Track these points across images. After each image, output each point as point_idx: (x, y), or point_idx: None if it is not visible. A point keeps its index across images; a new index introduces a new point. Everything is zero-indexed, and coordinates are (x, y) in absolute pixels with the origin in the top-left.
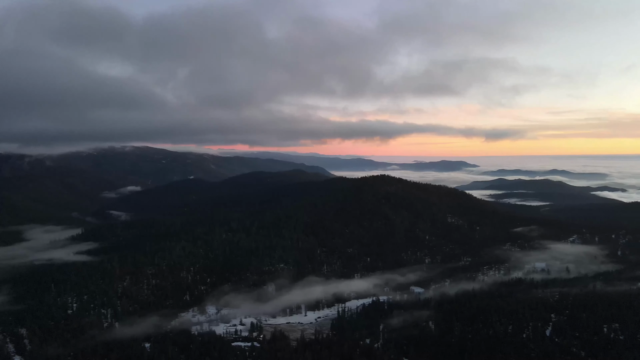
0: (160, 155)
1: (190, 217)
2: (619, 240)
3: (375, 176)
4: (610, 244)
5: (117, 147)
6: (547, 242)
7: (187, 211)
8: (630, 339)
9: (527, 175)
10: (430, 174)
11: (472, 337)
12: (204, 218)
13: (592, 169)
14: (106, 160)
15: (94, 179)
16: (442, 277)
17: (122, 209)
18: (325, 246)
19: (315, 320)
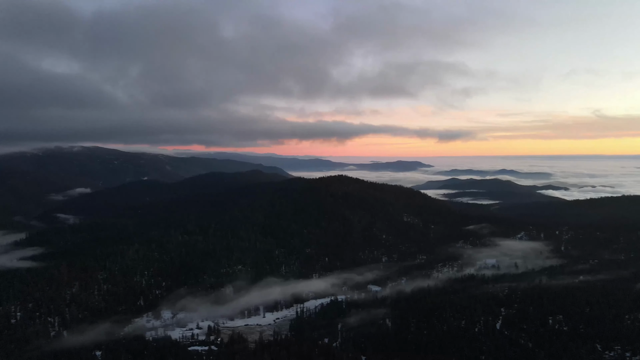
0: (112, 156)
1: (145, 220)
2: (562, 236)
3: (332, 176)
4: (555, 239)
5: (64, 148)
6: (497, 239)
7: (141, 213)
8: (573, 329)
9: (479, 175)
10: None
11: (427, 333)
12: (159, 220)
13: (538, 169)
14: (52, 161)
15: (39, 181)
16: (399, 275)
17: (70, 212)
18: (284, 247)
19: (274, 321)
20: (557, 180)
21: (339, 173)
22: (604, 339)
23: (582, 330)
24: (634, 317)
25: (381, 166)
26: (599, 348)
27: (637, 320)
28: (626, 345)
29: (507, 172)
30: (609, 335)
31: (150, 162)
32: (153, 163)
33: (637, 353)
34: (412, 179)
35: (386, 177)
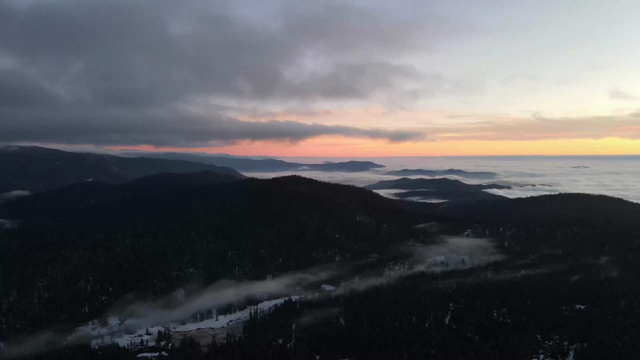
0: (53, 156)
1: (89, 223)
2: (506, 233)
3: (286, 177)
4: (499, 236)
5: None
6: (446, 236)
7: (85, 216)
8: (515, 321)
9: (428, 174)
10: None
11: (380, 330)
12: (104, 223)
13: (483, 169)
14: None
15: None
16: (352, 274)
17: (6, 215)
18: (237, 248)
19: (227, 324)
20: (500, 179)
21: (292, 173)
22: (543, 329)
23: (524, 322)
24: (570, 308)
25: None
26: (539, 338)
27: (573, 310)
28: (564, 335)
29: (454, 172)
30: (548, 326)
31: (95, 163)
32: (98, 164)
33: (574, 341)
34: (364, 179)
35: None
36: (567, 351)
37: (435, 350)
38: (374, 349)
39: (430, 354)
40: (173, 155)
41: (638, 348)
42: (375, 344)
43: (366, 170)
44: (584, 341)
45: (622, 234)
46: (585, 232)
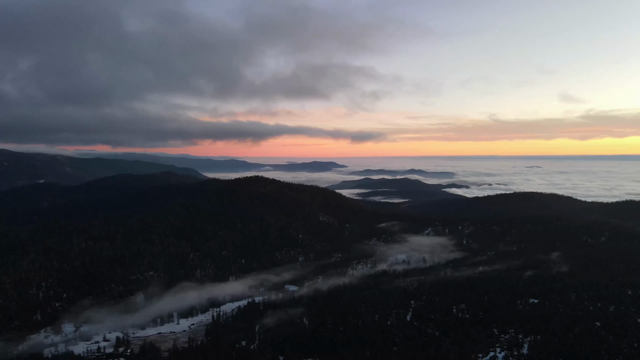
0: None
1: (41, 226)
2: (464, 231)
3: (248, 177)
4: (458, 234)
5: None
6: (407, 235)
7: (36, 220)
8: (474, 316)
9: (390, 174)
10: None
11: (343, 329)
12: (58, 227)
13: (443, 169)
14: None
15: None
16: (315, 274)
17: None
18: (199, 250)
19: (189, 327)
20: (459, 179)
21: (255, 174)
22: (500, 323)
23: (482, 317)
24: (525, 302)
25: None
26: (496, 332)
27: (527, 304)
28: (519, 328)
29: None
30: (504, 320)
31: (48, 164)
32: (50, 164)
33: (528, 334)
34: (327, 179)
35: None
36: (522, 344)
37: (398, 347)
38: (337, 348)
39: (393, 351)
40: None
41: (587, 339)
42: (338, 343)
43: (329, 170)
44: (538, 334)
45: (572, 231)
46: (538, 229)
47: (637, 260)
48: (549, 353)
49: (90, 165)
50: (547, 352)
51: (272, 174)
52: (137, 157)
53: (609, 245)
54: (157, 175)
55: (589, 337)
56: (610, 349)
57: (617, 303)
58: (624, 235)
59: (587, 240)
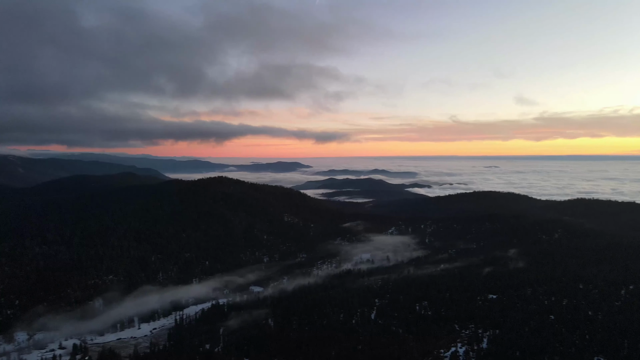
0: None
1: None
2: (427, 230)
3: (212, 178)
4: (420, 233)
5: None
6: (371, 234)
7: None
8: (436, 313)
9: (354, 174)
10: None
11: (308, 329)
12: (9, 230)
13: (405, 169)
14: None
15: None
16: (280, 274)
17: None
18: (161, 252)
19: (151, 332)
20: (421, 178)
21: (219, 174)
22: (460, 319)
23: (444, 313)
24: (484, 298)
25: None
26: (457, 328)
27: (486, 300)
28: (478, 323)
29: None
30: (465, 316)
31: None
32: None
33: (487, 329)
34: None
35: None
36: (482, 338)
37: (362, 345)
38: (303, 348)
39: (358, 349)
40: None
41: (542, 332)
42: (304, 343)
43: (293, 170)
44: (496, 328)
45: (528, 228)
46: (496, 227)
47: (587, 256)
48: (507, 347)
49: (45, 166)
50: (505, 346)
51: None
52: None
53: (562, 242)
54: (116, 176)
55: (543, 330)
56: (563, 341)
57: (570, 297)
58: (575, 231)
59: (541, 237)
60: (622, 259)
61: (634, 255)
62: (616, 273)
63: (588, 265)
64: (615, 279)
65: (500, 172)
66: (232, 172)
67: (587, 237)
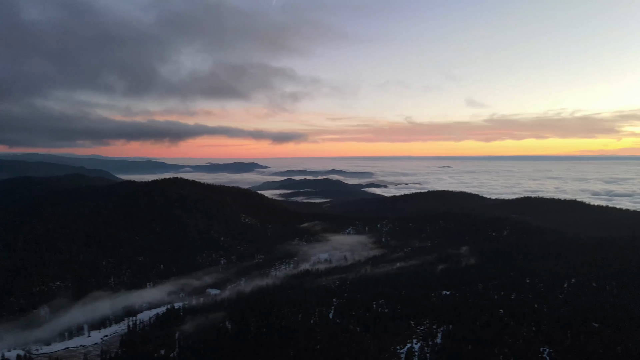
0: None
1: None
2: (383, 229)
3: (167, 179)
4: (377, 232)
5: None
6: (329, 234)
7: None
8: (392, 310)
9: (312, 175)
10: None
11: (267, 331)
12: None
13: (362, 169)
14: None
15: None
16: (238, 276)
17: None
18: (112, 256)
19: (102, 339)
20: (378, 178)
21: (174, 175)
22: (416, 315)
23: (400, 310)
24: (438, 294)
25: (218, 168)
26: (412, 324)
27: (440, 296)
28: (433, 319)
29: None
30: (420, 312)
31: None
32: None
33: (441, 324)
34: (249, 180)
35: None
36: (436, 334)
37: (321, 344)
38: (261, 350)
39: (316, 349)
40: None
41: (493, 326)
42: (262, 345)
43: (251, 171)
44: (450, 323)
45: (479, 226)
46: (449, 225)
47: (533, 252)
48: (460, 341)
49: None
50: (458, 340)
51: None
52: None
53: (510, 238)
54: (64, 177)
55: (494, 323)
56: (512, 333)
57: (518, 291)
58: (522, 228)
59: (492, 234)
60: (565, 254)
61: (576, 250)
62: (560, 267)
63: (534, 261)
64: (559, 272)
65: (453, 172)
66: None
67: (533, 234)
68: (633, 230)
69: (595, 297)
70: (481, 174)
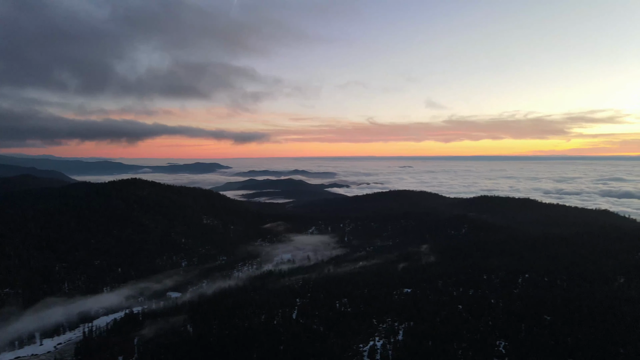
0: None
1: None
2: (346, 228)
3: (125, 180)
4: (339, 232)
5: None
6: (292, 234)
7: None
8: (355, 309)
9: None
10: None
11: (229, 333)
12: None
13: (325, 169)
14: None
15: None
16: (200, 278)
17: None
18: (66, 261)
19: (55, 347)
20: (340, 178)
21: (132, 176)
22: (378, 313)
23: (362, 309)
24: (400, 292)
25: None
26: (375, 322)
27: (402, 294)
28: (394, 317)
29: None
30: (382, 310)
31: None
32: None
33: (403, 322)
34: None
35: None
36: (398, 331)
37: (284, 345)
38: (224, 353)
39: (279, 350)
40: None
41: (452, 321)
42: (225, 348)
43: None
44: (411, 320)
45: (438, 224)
46: (410, 224)
47: (490, 248)
48: (421, 337)
49: None
50: (419, 337)
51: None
52: None
53: (468, 236)
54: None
55: (453, 319)
56: (470, 328)
57: (475, 287)
58: (480, 226)
59: (450, 233)
60: (519, 250)
61: (529, 246)
62: (514, 263)
63: (491, 257)
64: (514, 268)
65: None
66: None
67: (490, 231)
68: (581, 227)
69: (547, 291)
70: (440, 174)
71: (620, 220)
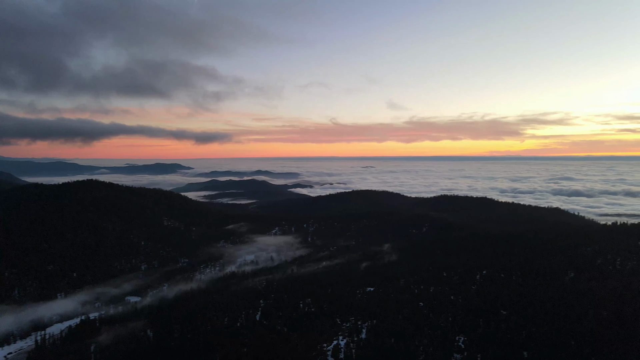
0: None
1: None
2: (309, 229)
3: (80, 181)
4: (303, 232)
5: None
6: (255, 235)
7: None
8: (319, 309)
9: (237, 175)
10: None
11: (191, 337)
12: None
13: (288, 169)
14: None
15: None
16: (160, 281)
17: None
18: (16, 266)
19: (5, 357)
20: (303, 179)
21: (87, 177)
22: (342, 312)
23: (326, 308)
24: (363, 291)
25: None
26: (338, 321)
27: (365, 293)
28: (358, 315)
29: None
30: (346, 309)
31: None
32: None
33: (366, 320)
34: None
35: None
36: (361, 329)
37: (247, 347)
38: (185, 358)
39: (243, 353)
40: None
41: (413, 318)
42: (187, 352)
43: (173, 172)
44: (374, 318)
45: (401, 224)
46: (373, 223)
47: (450, 247)
48: (384, 335)
49: None
50: (382, 334)
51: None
52: None
53: (429, 235)
54: None
55: (414, 316)
56: (431, 324)
57: (436, 284)
58: (440, 225)
59: (412, 231)
60: (478, 248)
61: (487, 243)
62: (473, 260)
63: (450, 255)
64: (472, 265)
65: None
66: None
67: (449, 229)
68: (535, 224)
69: (503, 287)
70: (402, 174)
71: (570, 217)
